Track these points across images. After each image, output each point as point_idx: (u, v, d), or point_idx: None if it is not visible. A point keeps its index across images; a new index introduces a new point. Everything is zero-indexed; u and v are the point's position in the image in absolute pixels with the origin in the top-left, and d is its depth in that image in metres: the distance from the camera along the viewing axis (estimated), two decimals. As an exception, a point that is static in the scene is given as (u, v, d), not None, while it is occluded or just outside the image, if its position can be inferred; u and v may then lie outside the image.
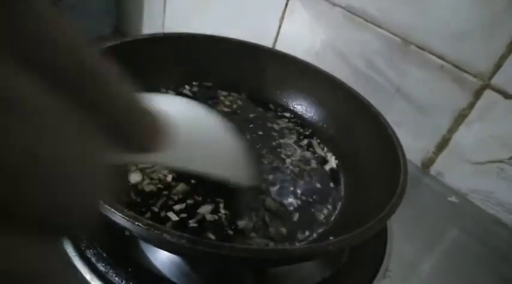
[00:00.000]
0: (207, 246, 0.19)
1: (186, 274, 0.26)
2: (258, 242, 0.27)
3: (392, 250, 0.33)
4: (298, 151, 0.37)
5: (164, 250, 0.25)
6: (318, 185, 0.34)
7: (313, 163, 0.36)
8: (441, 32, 0.39)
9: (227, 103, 0.41)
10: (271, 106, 0.42)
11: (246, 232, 0.28)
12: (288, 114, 0.41)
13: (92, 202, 0.09)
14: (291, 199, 0.32)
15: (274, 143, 0.38)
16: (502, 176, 0.39)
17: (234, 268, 0.27)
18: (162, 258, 0.26)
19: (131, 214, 0.20)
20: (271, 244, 0.27)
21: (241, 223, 0.28)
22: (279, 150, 0.37)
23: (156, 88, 0.38)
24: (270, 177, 0.33)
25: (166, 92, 0.39)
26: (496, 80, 0.37)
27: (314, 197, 0.33)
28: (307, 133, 0.40)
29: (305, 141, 0.39)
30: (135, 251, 0.26)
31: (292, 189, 0.33)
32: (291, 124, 0.40)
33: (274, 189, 0.32)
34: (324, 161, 0.37)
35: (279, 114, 0.41)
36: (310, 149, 0.38)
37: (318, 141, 0.39)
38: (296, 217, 0.30)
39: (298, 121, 0.41)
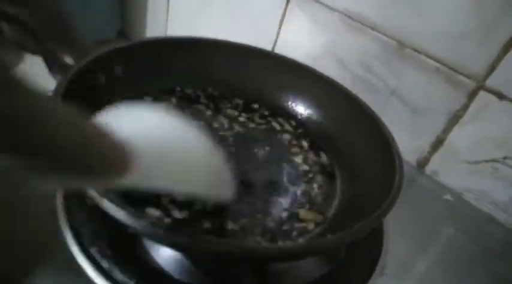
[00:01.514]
0: (208, 243, 0.20)
1: (188, 270, 0.27)
2: (253, 240, 0.28)
3: (388, 248, 0.33)
4: (296, 151, 0.38)
5: (167, 247, 0.26)
6: (314, 184, 0.35)
7: (310, 163, 0.37)
8: (436, 34, 0.40)
9: (226, 105, 0.42)
10: (270, 107, 0.43)
11: (240, 231, 0.28)
12: (286, 116, 0.42)
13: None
14: (288, 198, 0.32)
15: (272, 143, 0.38)
16: (496, 176, 0.40)
17: (232, 264, 0.28)
18: (165, 255, 0.27)
19: (134, 211, 0.20)
20: (265, 243, 0.28)
21: (231, 223, 0.29)
22: (277, 150, 0.38)
23: (157, 92, 0.39)
24: (268, 176, 0.34)
25: (167, 95, 0.40)
26: (490, 82, 0.38)
27: (310, 196, 0.33)
28: (304, 134, 0.40)
29: (302, 142, 0.39)
30: (138, 248, 0.27)
31: (288, 188, 0.33)
32: (288, 126, 0.41)
33: (271, 189, 0.33)
34: (320, 161, 0.37)
35: (277, 115, 0.42)
36: (307, 149, 0.39)
37: (316, 141, 0.40)
38: (292, 215, 0.31)
39: (296, 122, 0.42)
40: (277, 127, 0.41)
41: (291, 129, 0.41)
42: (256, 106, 0.42)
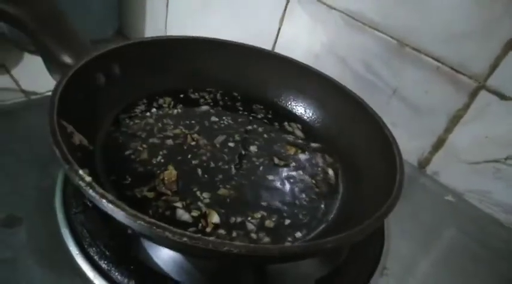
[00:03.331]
0: (208, 244, 0.19)
1: (187, 271, 0.26)
2: (257, 240, 0.28)
3: (389, 248, 0.33)
4: (296, 151, 0.38)
5: (166, 248, 0.25)
6: (316, 184, 0.34)
7: (311, 163, 0.37)
8: (437, 33, 0.40)
9: (226, 104, 0.42)
10: (270, 108, 0.42)
11: (243, 232, 0.28)
12: (287, 116, 0.42)
13: None
14: (288, 198, 0.32)
15: (273, 144, 0.38)
16: (497, 176, 0.40)
17: (233, 265, 0.27)
18: (164, 256, 0.27)
19: (133, 212, 0.20)
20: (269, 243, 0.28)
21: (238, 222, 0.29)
22: (277, 150, 0.37)
23: (156, 91, 0.39)
24: (269, 177, 0.34)
25: (166, 96, 0.40)
26: (491, 81, 0.38)
27: (312, 196, 0.33)
28: (305, 134, 0.40)
29: (303, 142, 0.39)
30: (137, 249, 0.27)
31: (289, 188, 0.33)
32: (289, 126, 0.41)
33: (272, 189, 0.33)
34: (321, 161, 0.37)
35: (278, 116, 0.42)
36: (308, 149, 0.38)
37: (316, 141, 0.39)
38: (294, 216, 0.31)
39: (297, 122, 0.41)
40: (279, 125, 0.41)
41: (291, 129, 0.40)
42: (256, 106, 0.42)
